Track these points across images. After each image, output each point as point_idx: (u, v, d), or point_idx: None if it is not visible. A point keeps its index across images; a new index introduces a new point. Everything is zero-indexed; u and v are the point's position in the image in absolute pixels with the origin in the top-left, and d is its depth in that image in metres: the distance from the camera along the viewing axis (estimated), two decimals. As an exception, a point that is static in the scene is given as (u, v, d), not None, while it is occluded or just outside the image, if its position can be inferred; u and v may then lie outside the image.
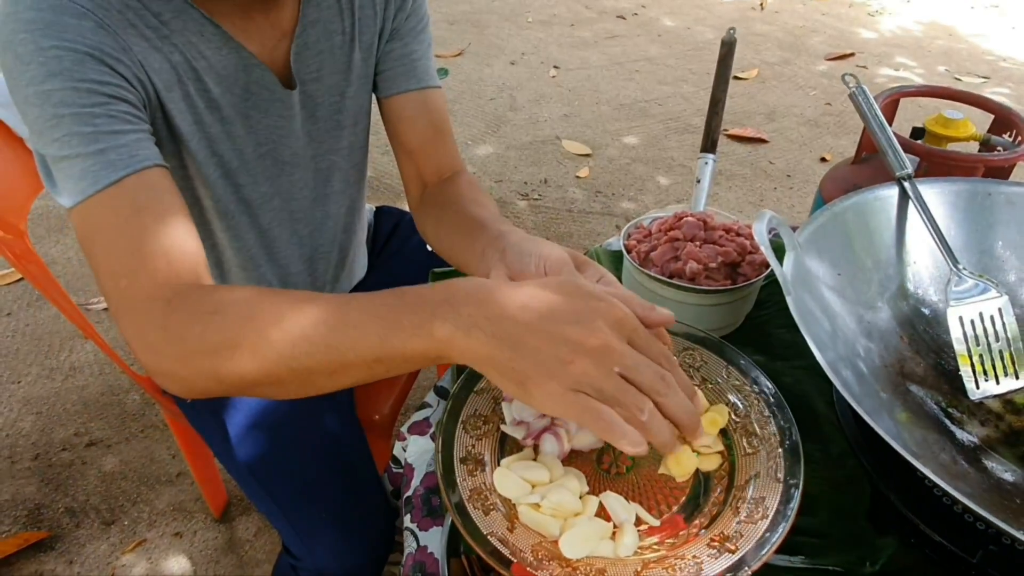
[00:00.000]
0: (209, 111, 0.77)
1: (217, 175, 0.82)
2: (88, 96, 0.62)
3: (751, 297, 0.93)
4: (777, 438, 0.61)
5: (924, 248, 0.81)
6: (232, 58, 0.76)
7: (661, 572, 0.50)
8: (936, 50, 3.98)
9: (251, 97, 0.79)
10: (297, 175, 0.90)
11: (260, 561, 1.45)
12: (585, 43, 3.87)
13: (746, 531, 0.54)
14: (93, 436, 1.68)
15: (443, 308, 0.48)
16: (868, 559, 0.67)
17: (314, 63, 0.83)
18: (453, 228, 0.80)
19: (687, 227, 0.91)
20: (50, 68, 0.61)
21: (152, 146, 0.66)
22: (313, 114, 0.87)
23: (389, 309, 0.50)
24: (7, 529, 1.48)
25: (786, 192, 2.70)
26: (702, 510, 0.59)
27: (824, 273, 0.75)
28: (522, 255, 0.63)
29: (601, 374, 0.46)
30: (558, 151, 2.88)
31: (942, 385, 0.75)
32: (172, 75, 0.72)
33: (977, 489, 0.63)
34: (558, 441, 0.57)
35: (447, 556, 0.66)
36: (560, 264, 0.60)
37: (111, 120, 0.63)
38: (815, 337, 0.59)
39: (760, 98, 3.36)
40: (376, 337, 0.49)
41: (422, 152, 0.91)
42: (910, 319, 0.80)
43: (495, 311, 0.48)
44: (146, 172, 0.63)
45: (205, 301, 0.56)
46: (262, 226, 0.90)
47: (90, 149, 0.61)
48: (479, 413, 0.61)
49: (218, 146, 0.80)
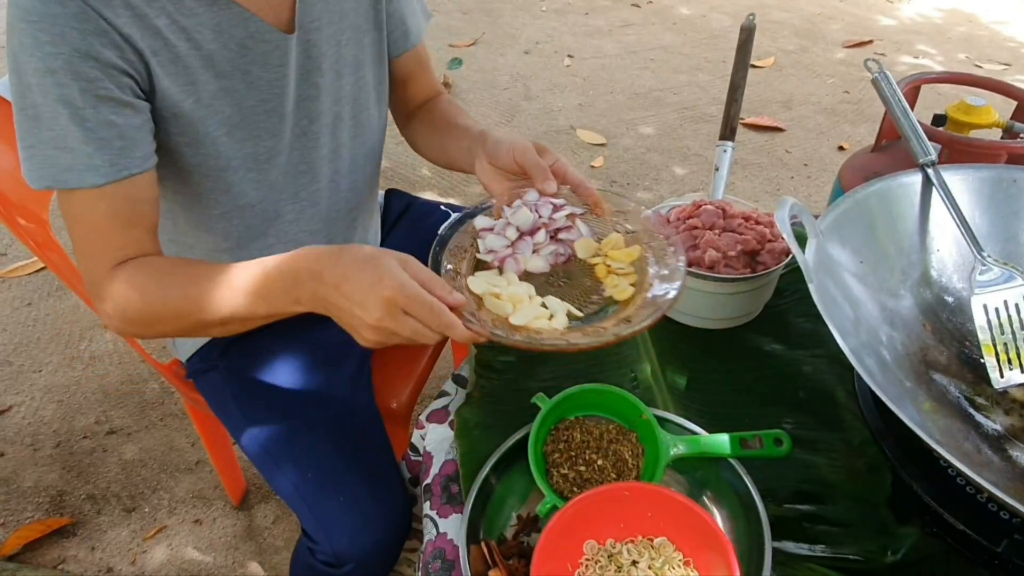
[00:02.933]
0: (204, 68, 0.77)
1: (219, 132, 0.81)
2: (82, 96, 0.69)
3: (770, 286, 0.92)
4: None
5: (948, 235, 0.80)
6: (224, 13, 0.76)
7: (578, 334, 0.68)
8: (956, 37, 3.92)
9: (248, 52, 0.79)
10: (310, 128, 0.89)
11: (279, 548, 1.47)
12: (599, 32, 3.84)
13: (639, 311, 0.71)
14: (113, 424, 1.71)
15: (300, 289, 0.68)
16: (889, 548, 0.66)
17: (318, 8, 0.84)
18: (443, 134, 1.00)
19: (706, 215, 0.90)
20: (48, 64, 0.67)
21: (138, 145, 0.74)
22: (319, 65, 0.87)
23: (272, 293, 0.70)
24: (31, 515, 1.50)
25: (803, 181, 2.67)
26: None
27: (846, 260, 0.74)
28: (497, 145, 0.83)
29: (397, 326, 0.64)
30: (573, 141, 2.87)
31: (966, 374, 0.74)
32: (157, 40, 0.73)
33: (1002, 478, 0.63)
34: (516, 264, 0.76)
35: (467, 543, 0.67)
36: (524, 150, 0.80)
37: (100, 125, 0.71)
38: (838, 325, 0.59)
39: (777, 86, 3.32)
40: (264, 310, 0.72)
41: (407, 82, 1.06)
42: (933, 307, 0.79)
43: (321, 292, 0.67)
44: (125, 181, 0.73)
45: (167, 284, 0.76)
46: (271, 183, 0.89)
47: (82, 149, 0.70)
48: (460, 245, 0.79)
49: (217, 102, 0.80)
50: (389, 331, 0.65)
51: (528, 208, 0.78)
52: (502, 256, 0.76)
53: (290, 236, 0.96)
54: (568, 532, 0.64)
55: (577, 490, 0.69)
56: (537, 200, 0.79)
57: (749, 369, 0.88)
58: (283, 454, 0.92)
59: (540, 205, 0.79)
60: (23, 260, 2.15)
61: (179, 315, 0.75)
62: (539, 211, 0.79)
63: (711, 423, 0.76)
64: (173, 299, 0.74)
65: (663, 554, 0.64)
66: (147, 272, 0.76)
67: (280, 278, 0.69)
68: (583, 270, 0.78)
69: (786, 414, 0.81)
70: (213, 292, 0.72)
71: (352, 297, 0.64)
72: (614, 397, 0.76)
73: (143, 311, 0.76)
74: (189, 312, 0.74)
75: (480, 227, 0.79)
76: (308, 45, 0.85)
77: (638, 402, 0.74)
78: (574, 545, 0.65)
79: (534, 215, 0.78)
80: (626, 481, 0.71)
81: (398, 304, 0.63)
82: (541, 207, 0.79)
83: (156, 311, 0.76)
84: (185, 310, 0.74)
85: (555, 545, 0.63)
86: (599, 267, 0.78)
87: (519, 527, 0.70)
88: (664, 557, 0.63)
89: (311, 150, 0.91)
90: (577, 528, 0.65)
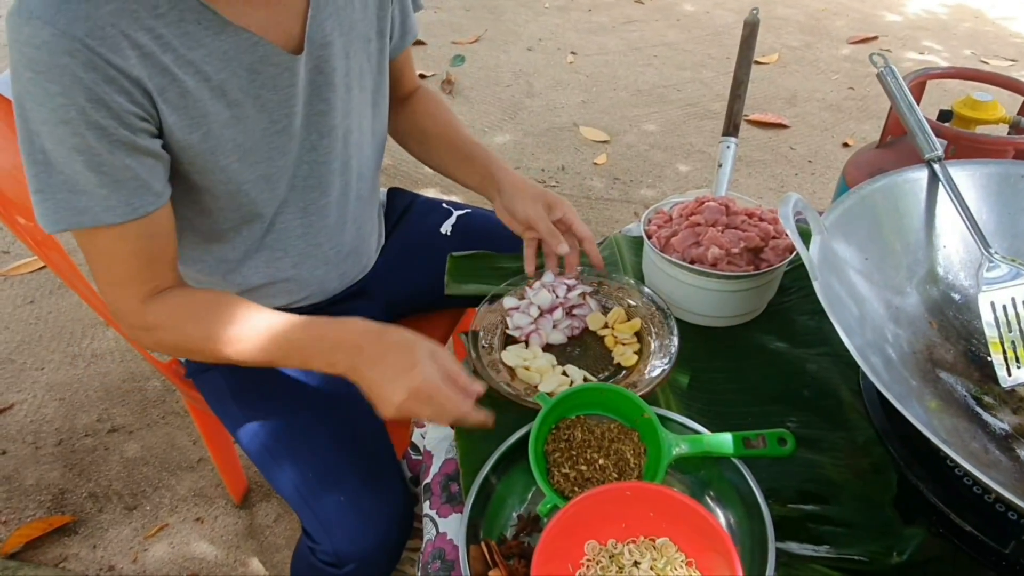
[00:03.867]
0: (214, 99, 0.76)
1: (230, 160, 0.81)
2: (98, 143, 0.69)
3: (774, 283, 0.91)
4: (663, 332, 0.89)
5: (954, 232, 0.79)
6: (232, 41, 0.75)
7: None
8: (962, 33, 3.89)
9: (258, 77, 0.78)
10: (320, 143, 0.89)
11: (280, 547, 1.46)
12: (603, 28, 3.83)
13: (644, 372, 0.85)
14: (115, 422, 1.70)
15: (337, 355, 0.75)
16: (895, 549, 0.65)
17: (329, 25, 0.83)
18: (443, 151, 1.07)
19: (709, 212, 0.89)
20: (60, 116, 0.67)
21: (153, 182, 0.75)
22: (331, 80, 0.86)
23: (309, 348, 0.76)
24: (32, 513, 1.50)
25: (807, 178, 2.66)
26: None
27: (851, 257, 0.73)
28: (513, 200, 0.96)
29: (405, 414, 0.72)
30: (576, 138, 2.86)
31: (972, 372, 0.73)
32: (165, 77, 0.71)
33: (1010, 478, 0.62)
34: (539, 338, 0.90)
35: (467, 543, 0.66)
36: (537, 219, 0.93)
37: (115, 168, 0.71)
38: (843, 322, 0.58)
39: (781, 83, 3.31)
40: (298, 362, 0.78)
41: (400, 80, 1.07)
42: (939, 305, 0.78)
43: (357, 364, 0.73)
44: (140, 221, 0.75)
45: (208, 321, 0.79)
46: (281, 199, 0.89)
47: (97, 192, 0.71)
48: (492, 322, 0.93)
49: (226, 131, 0.79)
50: (411, 411, 0.71)
51: (547, 289, 0.93)
52: (527, 331, 0.90)
53: (297, 249, 0.96)
54: (569, 532, 0.63)
55: (578, 489, 0.69)
56: (553, 281, 0.95)
57: (752, 367, 0.87)
58: (283, 453, 0.91)
59: (556, 286, 0.94)
60: (25, 258, 2.15)
61: (216, 353, 0.79)
62: (556, 291, 0.94)
63: (714, 422, 0.75)
64: (213, 339, 0.78)
65: (665, 554, 0.63)
66: (188, 309, 0.80)
67: (321, 341, 0.75)
68: (594, 340, 0.92)
69: (790, 413, 0.80)
70: (253, 339, 0.77)
71: (385, 376, 0.71)
72: (615, 396, 0.75)
73: (181, 345, 0.83)
74: (226, 352, 0.78)
75: (508, 307, 0.92)
76: (319, 61, 0.84)
77: (640, 401, 0.73)
78: (575, 545, 0.64)
79: (552, 295, 0.93)
80: (628, 481, 0.70)
81: (423, 392, 0.70)
82: (558, 288, 0.94)
83: (196, 346, 0.81)
84: (223, 351, 0.78)
85: (556, 545, 0.62)
86: (608, 338, 0.91)
87: (520, 527, 0.70)
88: (666, 558, 0.63)
89: (321, 164, 0.91)
90: (578, 528, 0.64)
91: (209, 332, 0.78)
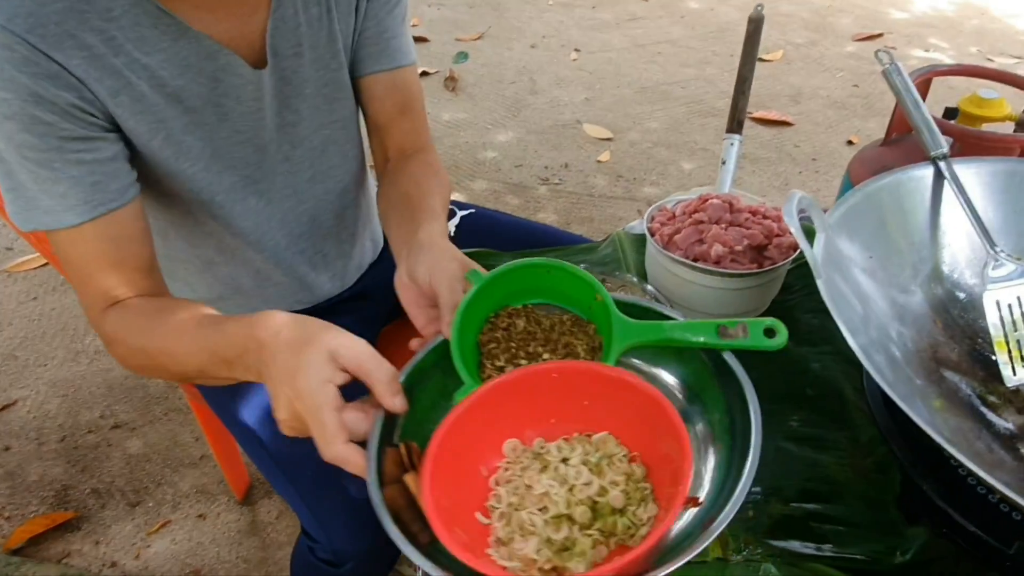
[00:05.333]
0: (170, 105, 0.75)
1: (195, 167, 0.80)
2: (43, 140, 0.67)
3: (778, 281, 0.90)
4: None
5: (960, 230, 0.79)
6: (192, 48, 0.73)
7: None
8: (969, 30, 3.87)
9: (220, 85, 0.77)
10: (291, 155, 0.88)
11: (282, 544, 1.46)
12: (606, 25, 3.82)
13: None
14: (118, 419, 1.71)
15: (249, 357, 0.63)
16: (898, 549, 0.65)
17: (293, 37, 0.81)
18: (392, 209, 0.88)
19: (712, 209, 0.89)
20: (3, 112, 0.65)
21: (114, 178, 0.72)
22: (301, 91, 0.85)
23: (227, 358, 0.65)
24: (35, 509, 1.51)
25: (811, 176, 2.65)
26: None
27: (856, 255, 0.73)
28: (417, 264, 0.70)
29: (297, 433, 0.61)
30: (579, 135, 2.85)
31: (977, 371, 0.72)
32: (118, 80, 0.70)
33: (1014, 478, 0.61)
34: None
35: (379, 444, 0.57)
36: (439, 283, 0.67)
37: (67, 164, 0.69)
38: (847, 321, 0.58)
39: (785, 80, 3.29)
40: (226, 372, 0.67)
41: (387, 129, 0.95)
42: (944, 303, 0.77)
43: (268, 372, 0.60)
44: (105, 219, 0.71)
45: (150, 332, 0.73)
46: (264, 206, 0.89)
47: (54, 190, 0.69)
48: None
49: (186, 137, 0.77)
50: (301, 433, 0.60)
51: None
52: None
53: (280, 255, 0.96)
54: (481, 431, 0.55)
55: None
56: None
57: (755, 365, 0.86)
58: (282, 452, 0.91)
59: None
60: (29, 255, 2.15)
61: (162, 368, 0.74)
62: None
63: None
64: (153, 352, 0.72)
65: (602, 449, 0.55)
66: (131, 322, 0.74)
67: (233, 345, 0.64)
68: None
69: (793, 411, 0.79)
70: (183, 348, 0.69)
71: (273, 384, 0.59)
72: (565, 277, 0.63)
73: (131, 359, 0.76)
74: (168, 367, 0.73)
75: None
76: (285, 72, 0.82)
77: (593, 281, 0.62)
78: (490, 448, 0.56)
79: None
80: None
81: (300, 411, 0.57)
82: None
83: (143, 362, 0.75)
84: (164, 364, 0.73)
85: (461, 445, 0.53)
86: None
87: None
88: (602, 452, 0.54)
89: (293, 175, 0.90)
90: (495, 426, 0.56)
91: (154, 344, 0.72)
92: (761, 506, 0.69)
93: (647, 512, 0.54)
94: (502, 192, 2.52)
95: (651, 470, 0.56)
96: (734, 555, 0.65)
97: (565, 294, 0.66)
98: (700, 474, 0.60)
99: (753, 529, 0.67)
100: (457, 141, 2.79)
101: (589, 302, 0.64)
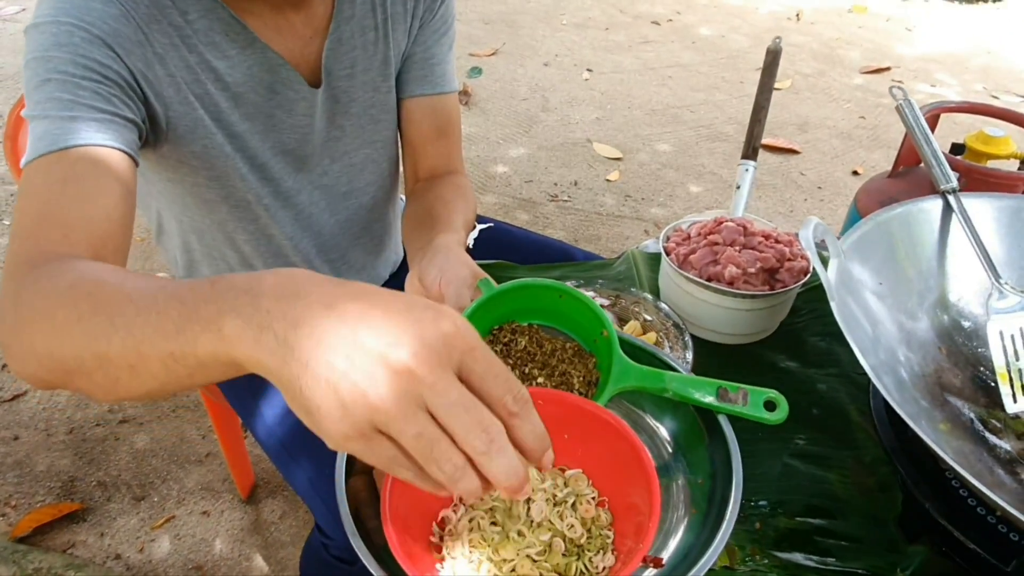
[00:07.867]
0: (232, 108, 0.79)
1: (247, 169, 0.84)
2: (82, 70, 0.64)
3: (787, 304, 0.93)
4: None
5: (966, 261, 0.82)
6: (257, 58, 0.78)
7: None
8: (975, 67, 3.93)
9: (275, 96, 0.81)
10: (330, 169, 0.92)
11: (285, 543, 1.48)
12: (619, 47, 3.88)
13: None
14: (126, 413, 1.72)
15: (243, 299, 0.39)
16: (899, 565, 0.67)
17: (347, 59, 0.85)
18: (415, 222, 0.86)
19: (727, 232, 0.92)
20: (58, 40, 0.63)
21: (125, 132, 0.66)
22: (348, 110, 0.89)
23: (195, 294, 0.41)
24: (42, 499, 1.52)
25: (816, 204, 2.69)
26: None
27: (867, 280, 0.76)
28: (429, 267, 0.68)
29: (401, 413, 0.35)
30: (589, 154, 2.89)
31: (979, 397, 0.75)
32: (189, 73, 0.74)
33: (1014, 499, 0.64)
34: None
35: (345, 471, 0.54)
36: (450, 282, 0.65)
37: (95, 96, 0.64)
38: (858, 342, 0.60)
39: (793, 109, 3.34)
40: (172, 325, 0.41)
41: (421, 149, 0.96)
42: (949, 331, 0.80)
43: (297, 313, 0.37)
44: (98, 149, 0.62)
45: (66, 272, 0.51)
46: (298, 214, 0.93)
47: (62, 114, 0.62)
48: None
49: (243, 142, 0.82)
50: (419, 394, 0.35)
51: None
52: None
53: (311, 263, 1.00)
54: None
55: None
56: None
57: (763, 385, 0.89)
58: (300, 448, 0.93)
59: None
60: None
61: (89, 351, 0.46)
62: None
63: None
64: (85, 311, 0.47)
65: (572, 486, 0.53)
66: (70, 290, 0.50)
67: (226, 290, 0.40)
68: None
69: (800, 430, 0.82)
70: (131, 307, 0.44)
71: (369, 325, 0.36)
72: (576, 305, 0.61)
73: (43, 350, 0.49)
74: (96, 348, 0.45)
75: None
76: (337, 92, 0.86)
77: (602, 314, 0.60)
78: None
79: None
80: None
81: (458, 345, 0.37)
82: None
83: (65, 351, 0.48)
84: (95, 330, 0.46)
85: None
86: None
87: None
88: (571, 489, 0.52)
89: (329, 189, 0.94)
90: None
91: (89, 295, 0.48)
92: (767, 519, 0.71)
93: (604, 562, 0.52)
94: (512, 207, 2.56)
95: (616, 518, 0.54)
96: (740, 565, 0.68)
97: (573, 321, 0.64)
98: (668, 533, 0.58)
99: (759, 541, 0.70)
100: (468, 155, 2.83)
101: (595, 335, 0.63)
